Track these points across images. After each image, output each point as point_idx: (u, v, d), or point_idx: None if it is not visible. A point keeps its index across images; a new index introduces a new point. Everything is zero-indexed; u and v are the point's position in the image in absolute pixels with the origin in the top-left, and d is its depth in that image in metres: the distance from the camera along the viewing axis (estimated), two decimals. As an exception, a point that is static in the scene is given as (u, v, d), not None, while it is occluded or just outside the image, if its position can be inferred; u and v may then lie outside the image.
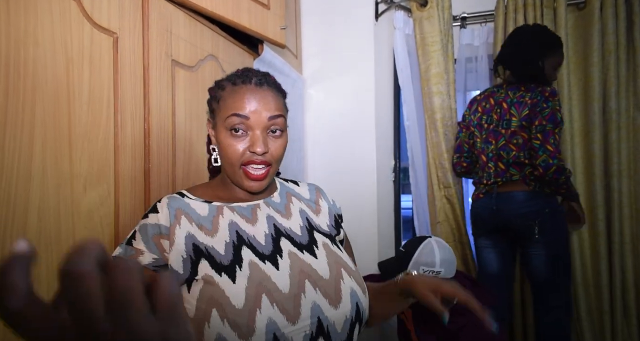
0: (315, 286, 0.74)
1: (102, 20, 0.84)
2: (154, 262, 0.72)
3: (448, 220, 2.06)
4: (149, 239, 0.73)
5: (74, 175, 0.76)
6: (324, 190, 0.97)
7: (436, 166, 2.07)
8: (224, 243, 0.75)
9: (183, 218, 0.75)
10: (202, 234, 0.75)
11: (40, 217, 0.70)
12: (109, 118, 0.85)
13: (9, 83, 0.66)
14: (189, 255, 0.72)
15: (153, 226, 0.74)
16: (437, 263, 1.39)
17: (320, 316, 0.72)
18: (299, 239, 0.81)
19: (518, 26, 1.96)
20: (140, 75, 0.94)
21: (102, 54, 0.84)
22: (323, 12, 2.05)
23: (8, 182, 0.65)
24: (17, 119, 0.67)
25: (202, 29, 1.17)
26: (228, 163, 0.80)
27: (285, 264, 0.75)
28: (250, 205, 0.82)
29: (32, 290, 0.22)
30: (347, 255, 0.87)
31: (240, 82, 0.79)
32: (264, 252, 0.76)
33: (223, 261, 0.72)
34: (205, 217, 0.77)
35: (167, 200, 0.77)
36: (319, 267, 0.78)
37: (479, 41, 2.31)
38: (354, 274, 0.81)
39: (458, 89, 2.34)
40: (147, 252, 0.71)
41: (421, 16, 2.03)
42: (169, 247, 0.72)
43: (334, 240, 0.87)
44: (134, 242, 0.73)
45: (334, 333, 0.73)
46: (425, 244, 1.44)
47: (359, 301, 0.77)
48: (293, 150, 1.90)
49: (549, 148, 1.62)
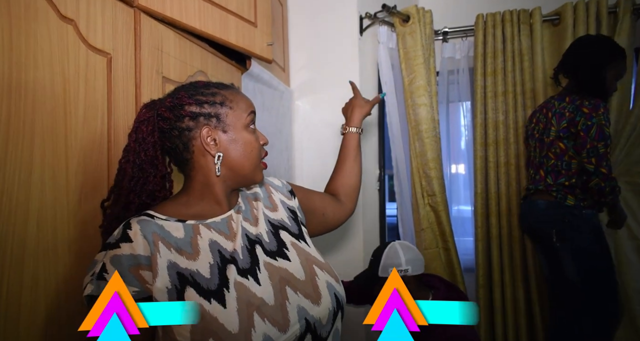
0: (295, 290, 0.78)
1: (96, 42, 0.89)
2: (135, 295, 0.67)
3: (431, 227, 2.13)
4: (126, 271, 0.68)
5: (70, 188, 0.82)
6: (269, 178, 1.01)
7: (420, 175, 2.14)
8: (208, 265, 0.73)
9: (161, 245, 0.72)
10: (183, 259, 0.72)
11: (39, 227, 0.75)
12: (103, 134, 0.91)
13: (11, 103, 0.71)
14: (174, 285, 0.69)
15: (128, 257, 0.69)
16: (403, 263, 1.50)
17: (307, 317, 0.76)
18: (269, 246, 0.83)
19: (581, 36, 1.98)
20: (133, 93, 1.00)
21: (97, 74, 0.89)
22: (309, 27, 2.12)
23: (9, 194, 0.70)
24: (18, 136, 0.72)
25: (191, 47, 1.23)
26: (250, 161, 0.83)
27: (265, 276, 0.77)
28: (224, 218, 0.82)
29: None
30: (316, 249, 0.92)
31: (224, 86, 0.85)
32: (244, 266, 0.77)
33: (210, 286, 0.71)
34: (183, 238, 0.75)
35: (138, 225, 0.71)
36: (294, 270, 0.82)
37: (460, 54, 2.40)
38: (324, 267, 0.86)
39: (440, 101, 2.43)
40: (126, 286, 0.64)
41: (404, 31, 2.11)
42: (152, 279, 0.69)
43: (300, 236, 0.91)
44: (107, 275, 0.68)
45: (320, 327, 0.78)
46: (389, 248, 1.55)
47: (336, 292, 0.82)
48: (281, 159, 1.96)
49: (603, 170, 1.66)
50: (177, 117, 0.78)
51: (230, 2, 1.32)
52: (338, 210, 1.12)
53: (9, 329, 0.70)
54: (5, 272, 0.69)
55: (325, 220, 1.07)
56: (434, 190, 2.10)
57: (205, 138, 0.79)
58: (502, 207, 2.19)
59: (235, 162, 0.81)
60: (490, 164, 2.20)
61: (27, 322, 0.73)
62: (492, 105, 2.21)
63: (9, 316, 0.70)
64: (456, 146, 2.49)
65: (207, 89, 0.81)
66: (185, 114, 0.78)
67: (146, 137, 0.78)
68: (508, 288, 2.18)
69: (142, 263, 0.69)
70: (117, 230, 0.73)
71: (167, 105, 0.79)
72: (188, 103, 0.79)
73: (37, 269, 0.75)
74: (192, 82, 0.85)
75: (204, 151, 0.80)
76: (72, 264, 0.82)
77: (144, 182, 0.79)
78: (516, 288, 2.18)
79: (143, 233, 0.71)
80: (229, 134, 0.80)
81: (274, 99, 1.86)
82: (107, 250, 0.70)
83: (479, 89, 2.23)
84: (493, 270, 2.21)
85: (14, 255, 0.71)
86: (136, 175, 0.78)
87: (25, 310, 0.72)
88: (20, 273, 0.72)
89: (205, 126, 0.79)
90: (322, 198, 1.10)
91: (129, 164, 0.78)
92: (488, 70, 2.21)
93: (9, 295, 0.70)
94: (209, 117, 0.79)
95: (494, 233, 2.20)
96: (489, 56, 2.21)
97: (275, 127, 1.88)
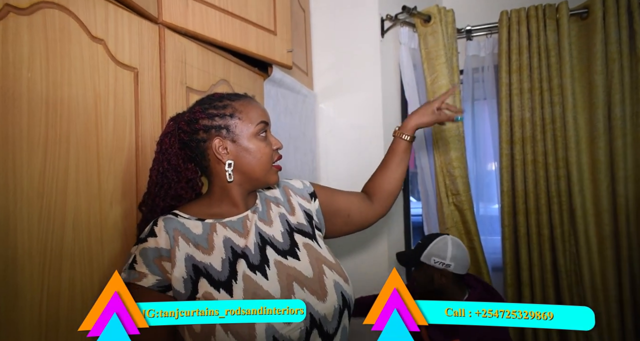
0: (302, 287, 0.84)
1: (124, 59, 0.97)
2: (157, 283, 0.79)
3: (457, 226, 2.13)
4: (150, 262, 0.80)
5: (102, 193, 0.90)
6: (290, 181, 1.05)
7: (444, 174, 2.14)
8: (221, 259, 0.83)
9: (180, 240, 0.82)
10: (199, 253, 0.82)
11: (75, 229, 0.83)
12: (132, 143, 0.98)
13: (48, 118, 0.79)
14: (189, 275, 0.79)
15: (153, 250, 0.80)
16: (448, 257, 1.49)
17: (311, 312, 0.81)
18: (281, 246, 0.90)
19: None
20: (158, 104, 1.07)
21: (125, 88, 0.97)
22: (332, 31, 2.17)
23: (48, 199, 0.78)
24: (55, 148, 0.80)
25: (214, 57, 1.30)
26: (261, 166, 0.89)
27: (273, 273, 0.84)
28: (240, 217, 0.90)
29: None
30: (329, 250, 0.96)
31: (237, 97, 0.91)
32: (254, 262, 0.84)
33: (220, 278, 0.80)
34: (200, 235, 0.84)
35: (163, 222, 0.83)
36: (303, 268, 0.87)
37: (485, 52, 2.38)
38: (334, 267, 0.91)
39: (465, 99, 2.41)
40: (150, 274, 0.79)
41: (425, 31, 2.12)
42: (171, 269, 0.79)
43: (313, 237, 0.96)
44: (136, 265, 0.80)
45: (326, 323, 0.83)
46: (440, 238, 1.56)
47: (343, 291, 0.87)
48: (306, 160, 2.01)
49: None
50: (193, 130, 0.87)
51: (250, 13, 1.38)
52: (366, 211, 1.13)
53: (50, 323, 0.78)
54: (46, 270, 0.77)
55: (350, 220, 1.10)
56: (458, 189, 2.10)
57: (217, 148, 0.87)
58: (529, 205, 2.16)
59: (246, 167, 0.89)
60: (517, 162, 2.17)
61: (66, 317, 0.81)
62: (517, 103, 2.18)
63: (50, 310, 0.78)
64: (482, 144, 2.46)
65: (220, 102, 0.89)
66: (199, 128, 0.87)
67: (169, 147, 0.87)
68: (538, 287, 2.15)
69: (164, 255, 0.80)
70: (147, 226, 0.84)
71: (185, 119, 0.87)
72: (201, 118, 0.87)
73: (74, 266, 0.83)
74: (208, 95, 0.93)
75: (218, 159, 0.87)
76: (104, 262, 0.90)
77: (168, 188, 0.87)
78: (546, 287, 2.15)
79: (166, 229, 0.82)
80: (239, 143, 0.88)
81: (297, 103, 1.91)
82: (138, 244, 0.83)
83: (504, 86, 2.20)
84: (521, 269, 2.18)
85: (54, 254, 0.79)
86: (160, 182, 0.87)
87: (63, 304, 0.81)
88: (59, 270, 0.80)
89: (216, 137, 0.87)
90: (348, 199, 1.12)
91: (155, 172, 0.87)
92: (513, 67, 2.18)
93: (50, 290, 0.78)
94: (219, 129, 0.87)
95: (521, 231, 2.17)
96: (514, 53, 2.18)
97: (299, 129, 1.94)
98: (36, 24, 0.78)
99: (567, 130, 2.07)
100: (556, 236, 2.10)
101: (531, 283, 2.17)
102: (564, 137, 2.08)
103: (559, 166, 2.08)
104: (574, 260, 2.12)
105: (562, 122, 2.08)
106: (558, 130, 2.09)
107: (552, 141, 2.10)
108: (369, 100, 2.12)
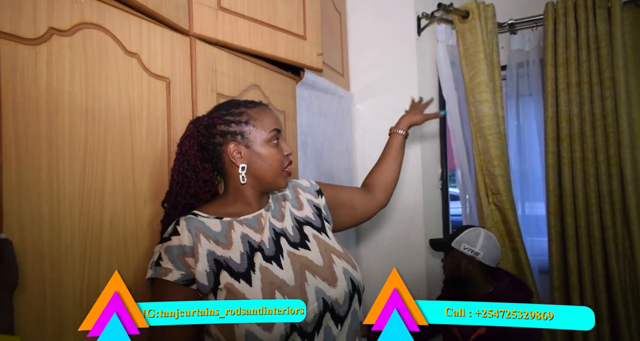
0: (314, 274, 0.91)
1: (157, 70, 1.06)
2: (182, 277, 0.85)
3: (497, 227, 2.07)
4: (175, 259, 0.86)
5: (136, 193, 0.99)
6: (297, 180, 1.13)
7: (483, 173, 2.09)
8: (239, 253, 0.90)
9: (202, 237, 0.89)
10: (220, 249, 0.89)
11: (112, 225, 0.93)
12: (164, 146, 1.07)
13: (87, 126, 0.89)
14: (211, 269, 0.86)
15: (177, 247, 0.87)
16: (478, 246, 1.55)
17: (324, 297, 0.88)
18: (292, 239, 0.97)
19: None
20: (190, 109, 1.16)
21: (157, 97, 1.06)
22: (368, 32, 2.19)
23: (88, 198, 0.88)
24: (94, 152, 0.90)
25: (244, 63, 1.37)
26: (272, 171, 0.96)
27: (287, 262, 0.91)
28: (255, 215, 0.98)
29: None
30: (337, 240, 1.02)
31: (253, 105, 0.98)
32: (269, 254, 0.92)
33: (240, 270, 0.88)
34: (219, 232, 0.91)
35: (185, 222, 0.90)
36: (314, 257, 0.94)
37: (530, 46, 2.29)
38: (342, 255, 0.98)
39: (509, 95, 2.34)
40: (175, 270, 0.85)
41: (463, 28, 2.08)
42: (195, 264, 0.86)
43: (322, 230, 1.03)
44: (162, 262, 0.86)
45: (338, 307, 0.90)
46: (474, 229, 1.63)
47: (351, 277, 0.94)
48: (341, 160, 2.05)
49: None
50: (210, 134, 0.94)
51: (279, 20, 1.44)
52: (368, 202, 1.24)
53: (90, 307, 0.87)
54: (86, 263, 0.87)
55: (354, 212, 1.19)
56: (499, 188, 2.04)
57: (232, 152, 0.94)
58: (578, 205, 2.05)
59: (258, 171, 0.96)
60: (564, 160, 2.07)
61: (104, 302, 0.90)
62: (564, 97, 2.08)
63: (90, 297, 0.87)
64: (528, 142, 2.37)
65: (236, 109, 0.96)
66: (216, 132, 0.94)
67: (188, 149, 0.94)
68: (588, 292, 2.04)
69: (187, 252, 0.87)
70: (170, 226, 0.91)
71: (204, 123, 0.95)
72: (219, 123, 0.95)
73: (111, 260, 0.92)
74: (227, 101, 1.00)
75: (232, 162, 0.94)
76: (138, 256, 0.99)
77: (188, 186, 0.95)
78: (598, 292, 2.03)
79: (188, 228, 0.89)
80: (252, 149, 0.95)
81: (331, 104, 1.95)
82: (162, 242, 0.89)
83: (550, 81, 2.11)
84: (570, 272, 2.08)
85: (93, 249, 0.88)
86: (180, 181, 0.95)
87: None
88: (98, 264, 0.89)
89: (232, 142, 0.94)
90: (350, 193, 1.22)
91: (176, 172, 0.95)
92: (559, 61, 2.08)
93: (90, 279, 0.87)
94: (235, 135, 0.94)
95: (569, 233, 2.07)
96: (560, 45, 2.08)
97: (334, 130, 1.97)
98: (76, 44, 0.88)
99: (620, 125, 1.95)
100: (608, 238, 1.98)
101: (580, 287, 2.06)
102: (616, 133, 1.96)
103: (611, 164, 1.97)
104: (628, 264, 1.99)
105: (614, 117, 1.96)
106: (610, 126, 1.97)
107: (603, 137, 1.99)
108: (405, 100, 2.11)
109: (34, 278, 0.77)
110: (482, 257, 1.53)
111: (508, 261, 2.04)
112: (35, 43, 0.80)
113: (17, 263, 0.70)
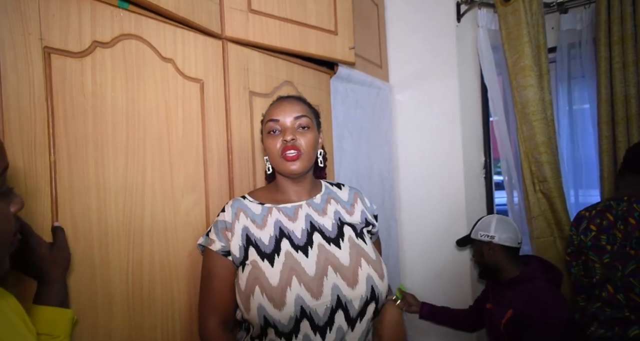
0: (336, 271, 0.95)
1: (191, 73, 1.15)
2: (222, 248, 0.99)
3: (544, 215, 2.00)
4: (219, 232, 1.02)
5: (174, 186, 1.09)
6: (365, 199, 1.17)
7: (529, 160, 2.02)
8: (269, 236, 0.99)
9: (241, 215, 1.03)
10: (254, 227, 1.01)
11: (152, 216, 1.03)
12: (199, 143, 1.16)
13: (128, 127, 0.99)
14: (243, 244, 0.99)
15: (221, 222, 1.03)
16: (492, 229, 1.68)
17: (339, 295, 0.92)
18: (328, 233, 1.02)
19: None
20: (223, 108, 1.24)
21: (192, 98, 1.15)
22: (407, 22, 2.18)
23: (130, 191, 0.99)
24: (134, 150, 1.00)
25: (275, 61, 1.43)
26: (272, 157, 1.05)
27: (314, 253, 0.97)
28: (295, 205, 1.06)
29: None
30: (374, 248, 1.05)
31: (275, 101, 1.09)
32: (299, 243, 0.99)
33: (266, 250, 0.97)
34: (258, 215, 1.03)
35: (232, 202, 1.07)
36: (342, 256, 0.98)
37: (583, 25, 2.16)
38: (372, 263, 1.00)
39: (560, 78, 2.23)
40: (217, 241, 0.99)
41: (505, 11, 2.01)
42: (231, 237, 0.99)
43: (360, 235, 1.05)
44: (210, 233, 1.03)
45: (351, 308, 0.93)
46: (487, 217, 1.78)
47: (374, 284, 0.96)
48: (380, 152, 2.06)
49: None
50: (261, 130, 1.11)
51: (310, 17, 1.48)
52: None
53: (135, 287, 0.98)
54: (130, 250, 0.98)
55: None
56: (545, 175, 1.96)
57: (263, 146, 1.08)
58: (636, 193, 1.92)
59: (270, 161, 1.07)
60: (620, 144, 1.94)
61: (148, 283, 1.01)
62: (619, 78, 1.94)
63: (134, 279, 0.98)
64: (580, 126, 2.25)
65: (270, 106, 1.08)
66: (261, 129, 1.10)
67: None
68: None
69: (228, 227, 1.02)
70: None
71: None
72: (261, 121, 1.10)
73: (153, 247, 1.03)
74: None
75: None
76: (177, 244, 1.09)
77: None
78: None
79: (232, 207, 1.05)
80: (263, 142, 1.06)
81: (369, 96, 1.97)
82: (217, 217, 1.05)
83: (603, 61, 1.98)
84: (627, 263, 1.96)
85: (136, 237, 0.99)
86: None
87: (145, 274, 1.01)
88: (141, 251, 1.00)
89: (263, 137, 1.08)
90: None
91: None
92: (614, 39, 1.95)
93: (134, 263, 0.98)
94: (262, 132, 1.08)
95: (627, 222, 1.95)
96: (615, 23, 1.94)
97: (372, 122, 2.00)
98: (117, 53, 0.98)
99: (684, 106, 1.80)
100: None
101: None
102: (679, 115, 1.81)
103: (673, 148, 1.82)
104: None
105: (675, 97, 1.82)
106: (670, 107, 1.83)
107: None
108: (447, 87, 2.10)
109: (86, 261, 0.89)
110: (499, 239, 1.64)
111: (556, 251, 1.96)
112: (81, 56, 0.91)
113: (68, 247, 0.82)
